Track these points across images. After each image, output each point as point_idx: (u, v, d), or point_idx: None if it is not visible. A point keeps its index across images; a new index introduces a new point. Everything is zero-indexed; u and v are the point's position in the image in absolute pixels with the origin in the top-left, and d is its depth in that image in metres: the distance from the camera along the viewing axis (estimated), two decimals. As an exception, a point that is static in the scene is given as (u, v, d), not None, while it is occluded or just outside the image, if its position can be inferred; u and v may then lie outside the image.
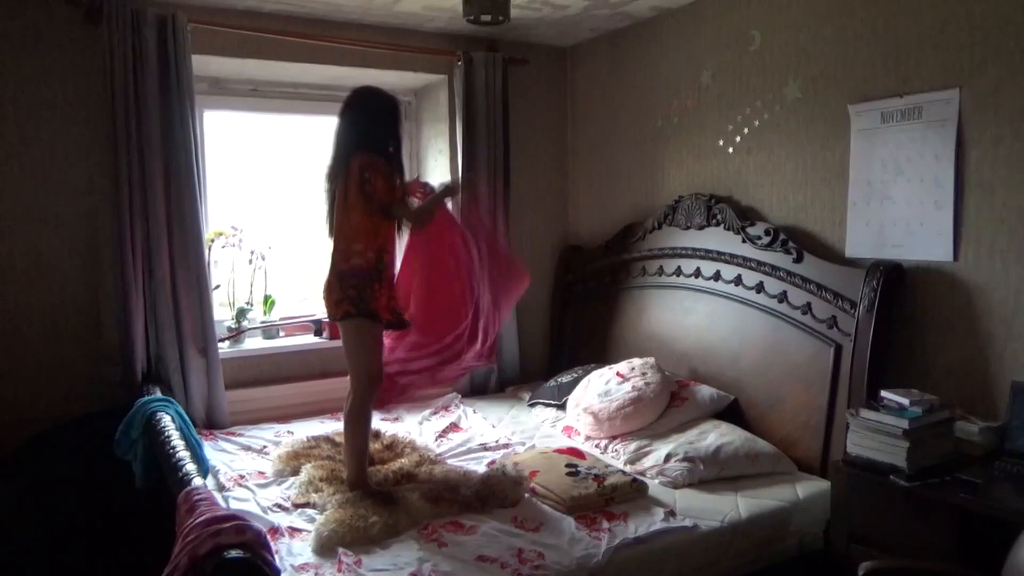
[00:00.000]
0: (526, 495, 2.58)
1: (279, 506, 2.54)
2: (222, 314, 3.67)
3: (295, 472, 2.75)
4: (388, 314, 2.65)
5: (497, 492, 2.53)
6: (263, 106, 3.95)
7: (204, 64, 3.47)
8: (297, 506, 2.52)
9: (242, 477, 2.77)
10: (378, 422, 3.04)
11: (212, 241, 3.59)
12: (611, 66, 4.06)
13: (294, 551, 2.21)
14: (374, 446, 2.96)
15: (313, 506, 2.50)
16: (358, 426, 2.62)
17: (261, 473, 2.81)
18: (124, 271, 3.13)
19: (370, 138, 2.65)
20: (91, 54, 3.15)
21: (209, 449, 2.99)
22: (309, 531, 2.30)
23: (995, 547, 1.72)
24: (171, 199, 3.22)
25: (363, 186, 2.57)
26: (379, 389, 2.68)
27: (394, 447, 3.05)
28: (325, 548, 2.20)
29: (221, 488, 2.67)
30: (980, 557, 1.93)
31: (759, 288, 3.12)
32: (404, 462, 2.83)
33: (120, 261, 3.14)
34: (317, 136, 4.03)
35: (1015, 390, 2.34)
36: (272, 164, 4.07)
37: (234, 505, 2.51)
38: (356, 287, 2.59)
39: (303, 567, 2.11)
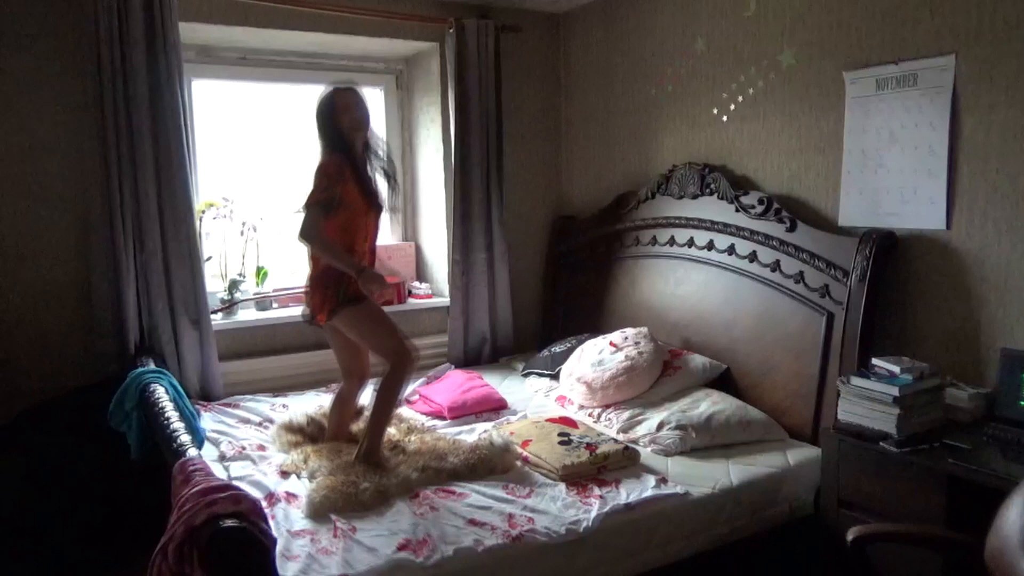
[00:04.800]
0: (518, 463, 2.60)
1: (282, 473, 2.56)
2: (215, 286, 3.65)
3: (294, 445, 2.76)
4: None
5: (485, 460, 2.55)
6: (252, 75, 3.90)
7: (192, 32, 3.42)
8: (285, 473, 2.54)
9: (243, 448, 2.78)
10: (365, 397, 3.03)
11: (203, 212, 3.56)
12: (605, 33, 4.01)
13: (291, 517, 2.23)
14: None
15: (299, 476, 2.52)
16: (387, 402, 2.63)
17: (261, 446, 2.81)
18: (114, 243, 3.11)
19: (325, 142, 2.70)
20: (76, 20, 3.09)
21: (207, 420, 3.00)
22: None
23: (983, 512, 1.74)
24: (161, 169, 3.18)
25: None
26: (413, 363, 2.69)
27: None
28: (318, 513, 2.22)
29: (222, 457, 2.68)
30: (968, 522, 1.96)
31: (752, 257, 3.12)
32: (392, 431, 2.85)
33: (110, 233, 3.12)
34: (306, 105, 3.98)
35: (1005, 356, 2.36)
36: (262, 134, 4.02)
37: (234, 473, 2.52)
38: (334, 284, 2.63)
39: (300, 533, 2.13)
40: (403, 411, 3.20)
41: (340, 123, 2.68)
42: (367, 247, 2.76)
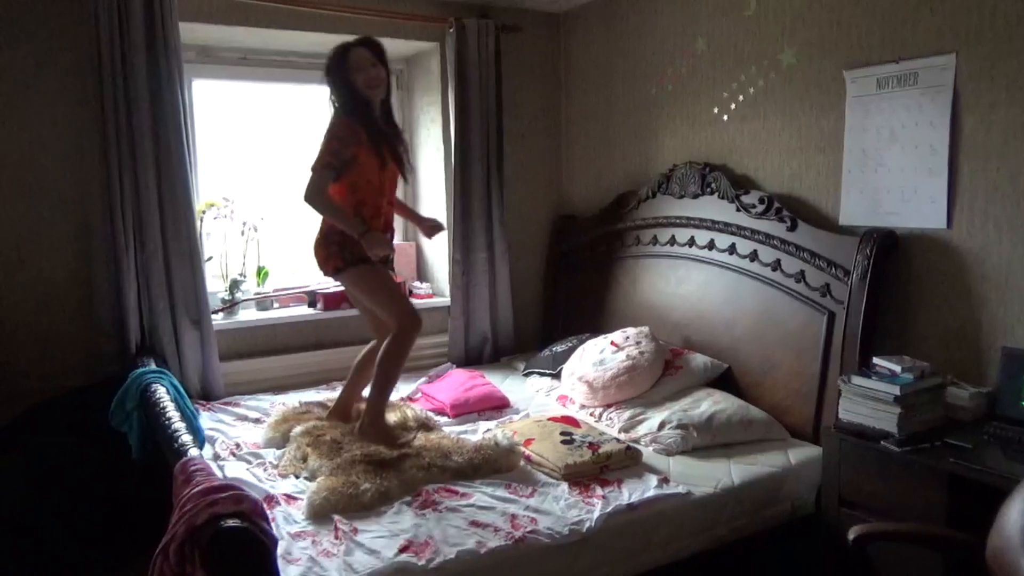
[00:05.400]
0: (521, 463, 2.60)
1: (275, 474, 2.55)
2: (216, 286, 3.65)
3: (285, 438, 2.77)
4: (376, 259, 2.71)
5: (489, 460, 2.54)
6: (252, 75, 3.90)
7: (192, 32, 3.41)
8: (283, 476, 2.53)
9: (238, 447, 2.78)
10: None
11: (204, 212, 3.56)
12: (605, 32, 4.01)
13: (291, 519, 2.22)
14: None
15: (297, 476, 2.52)
16: (391, 365, 2.62)
17: (255, 444, 2.82)
18: (115, 243, 3.11)
19: (339, 102, 2.70)
20: (76, 19, 3.09)
21: (206, 419, 3.00)
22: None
23: (984, 511, 1.74)
24: (161, 169, 3.18)
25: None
26: (418, 327, 2.68)
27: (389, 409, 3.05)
28: (318, 516, 2.21)
29: (217, 458, 2.68)
30: (969, 521, 1.96)
31: (753, 257, 3.12)
32: (405, 415, 2.87)
33: (111, 232, 3.11)
34: (307, 105, 3.99)
35: (1006, 355, 2.36)
36: (263, 134, 4.02)
37: (230, 474, 2.52)
38: (338, 242, 2.64)
39: (300, 534, 2.13)
40: (410, 405, 3.19)
41: (354, 82, 2.65)
42: (383, 207, 2.75)
